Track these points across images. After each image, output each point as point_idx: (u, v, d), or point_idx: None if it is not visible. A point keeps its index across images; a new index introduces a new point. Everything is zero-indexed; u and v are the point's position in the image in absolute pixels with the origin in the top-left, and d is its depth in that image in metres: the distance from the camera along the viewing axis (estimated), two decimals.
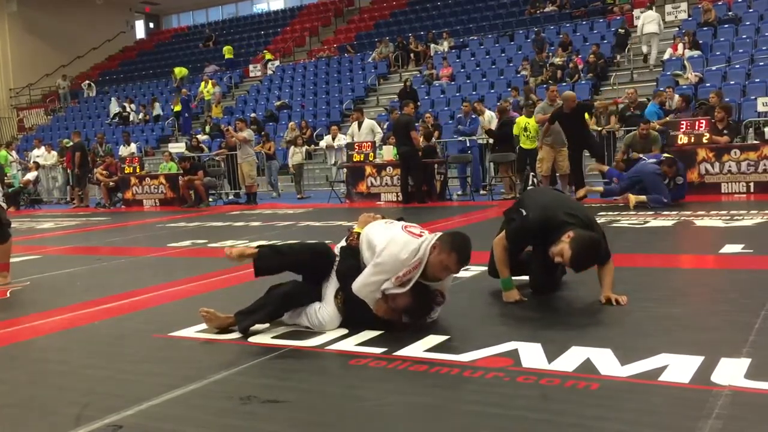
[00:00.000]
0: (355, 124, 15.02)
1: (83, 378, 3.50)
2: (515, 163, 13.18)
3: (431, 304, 3.92)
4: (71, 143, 18.53)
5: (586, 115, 11.44)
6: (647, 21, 18.33)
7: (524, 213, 4.34)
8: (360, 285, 3.82)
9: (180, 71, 27.54)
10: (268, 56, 27.62)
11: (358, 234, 4.07)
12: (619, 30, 19.70)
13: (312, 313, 3.97)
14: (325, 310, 3.96)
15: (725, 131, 11.15)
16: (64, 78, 31.28)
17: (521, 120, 12.94)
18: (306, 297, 4.04)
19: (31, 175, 19.31)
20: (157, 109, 25.75)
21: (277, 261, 4.14)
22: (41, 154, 20.51)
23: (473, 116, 14.61)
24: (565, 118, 10.82)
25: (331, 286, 3.99)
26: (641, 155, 10.38)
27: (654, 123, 12.04)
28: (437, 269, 3.75)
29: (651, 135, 11.00)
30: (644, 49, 18.81)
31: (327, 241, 4.46)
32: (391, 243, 3.80)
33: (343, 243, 4.16)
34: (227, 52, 29.20)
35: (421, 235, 3.85)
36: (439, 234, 3.86)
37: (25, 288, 6.22)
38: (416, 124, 13.81)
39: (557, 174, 11.87)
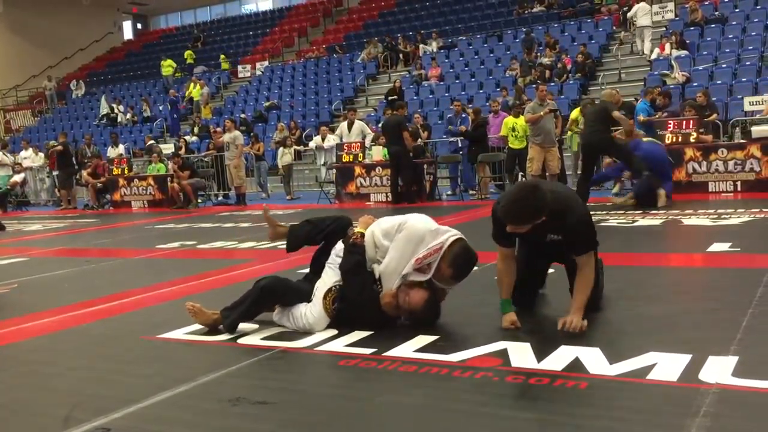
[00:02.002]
0: (344, 124, 15.02)
1: (72, 380, 3.48)
2: (504, 163, 13.24)
3: (438, 309, 3.92)
4: (59, 146, 18.37)
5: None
6: (642, 14, 18.45)
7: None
8: (387, 262, 3.85)
9: (167, 64, 27.43)
10: (224, 66, 27.30)
11: (362, 234, 4.05)
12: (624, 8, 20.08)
13: (299, 316, 3.96)
14: (311, 311, 3.95)
15: (702, 130, 11.24)
16: (50, 79, 31.09)
17: (509, 120, 12.97)
18: (289, 293, 4.04)
19: (18, 177, 19.18)
20: (148, 111, 25.62)
21: (305, 230, 4.29)
22: (29, 156, 20.39)
23: (464, 115, 14.63)
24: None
25: (322, 287, 3.98)
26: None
27: (640, 117, 12.06)
28: (436, 269, 3.78)
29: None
30: (638, 42, 18.95)
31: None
32: (412, 218, 3.96)
33: (340, 244, 4.14)
34: (188, 56, 29.03)
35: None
36: (460, 236, 3.86)
37: (13, 290, 6.19)
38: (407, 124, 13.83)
39: (547, 174, 11.90)
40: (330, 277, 3.99)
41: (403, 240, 3.84)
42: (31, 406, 3.15)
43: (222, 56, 27.69)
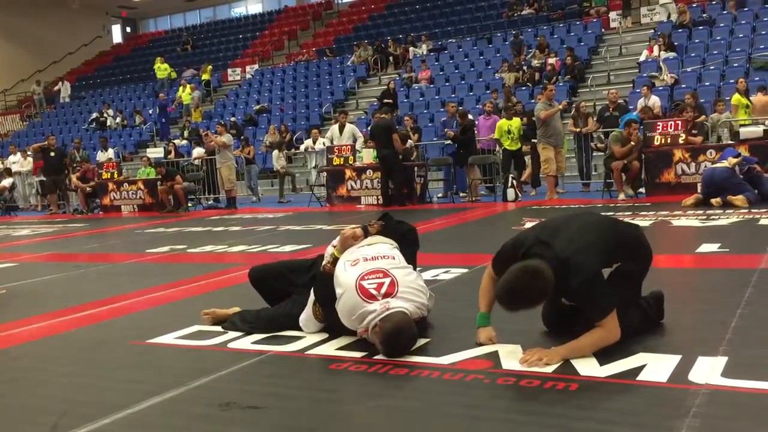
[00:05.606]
0: (335, 127, 15.03)
1: (60, 386, 3.46)
2: (493, 165, 13.31)
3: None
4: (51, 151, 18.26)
5: None
6: None
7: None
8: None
9: (164, 68, 27.22)
10: (205, 76, 26.35)
11: (336, 259, 3.83)
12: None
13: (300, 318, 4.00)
14: (303, 315, 3.97)
15: (694, 131, 11.30)
16: (39, 83, 30.94)
17: (503, 123, 13.00)
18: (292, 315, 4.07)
19: (6, 182, 19.08)
20: (140, 119, 25.50)
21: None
22: (17, 161, 20.29)
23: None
24: None
25: (310, 296, 3.95)
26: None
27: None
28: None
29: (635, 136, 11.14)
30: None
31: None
32: (344, 298, 3.62)
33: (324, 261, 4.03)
34: (167, 69, 28.83)
35: (374, 298, 3.50)
36: (385, 314, 3.43)
37: (2, 296, 6.14)
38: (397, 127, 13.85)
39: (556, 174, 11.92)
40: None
41: (340, 311, 3.67)
42: (19, 412, 3.13)
43: (209, 66, 27.08)
